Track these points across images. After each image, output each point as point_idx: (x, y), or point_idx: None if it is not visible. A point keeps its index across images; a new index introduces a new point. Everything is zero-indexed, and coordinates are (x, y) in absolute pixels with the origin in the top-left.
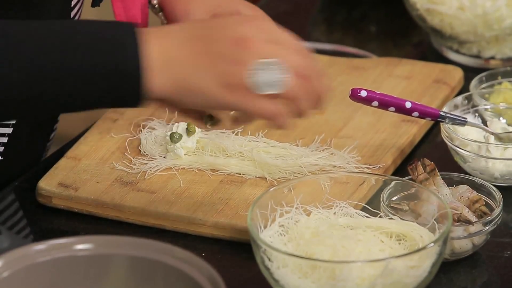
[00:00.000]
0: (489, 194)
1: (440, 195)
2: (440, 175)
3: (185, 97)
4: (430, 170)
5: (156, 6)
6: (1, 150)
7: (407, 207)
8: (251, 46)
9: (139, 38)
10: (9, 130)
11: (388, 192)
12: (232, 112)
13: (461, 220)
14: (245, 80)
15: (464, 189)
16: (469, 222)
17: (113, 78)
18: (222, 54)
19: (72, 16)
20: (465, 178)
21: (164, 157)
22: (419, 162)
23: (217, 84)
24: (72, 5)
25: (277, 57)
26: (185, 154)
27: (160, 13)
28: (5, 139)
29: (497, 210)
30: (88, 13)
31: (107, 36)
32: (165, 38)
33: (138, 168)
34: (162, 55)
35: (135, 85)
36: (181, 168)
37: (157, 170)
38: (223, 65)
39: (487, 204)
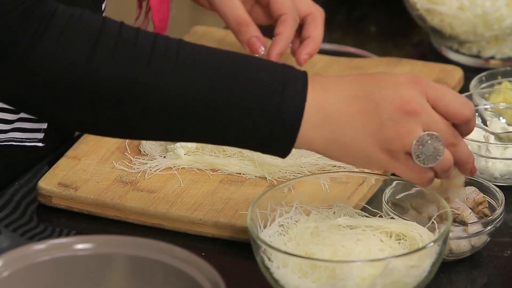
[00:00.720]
0: (494, 196)
1: None
2: None
3: (338, 155)
4: None
5: None
6: (41, 137)
7: (410, 206)
8: (416, 113)
9: (305, 87)
10: (44, 125)
11: (389, 192)
12: None
13: (457, 221)
14: (405, 148)
15: (471, 190)
16: (463, 223)
17: (270, 122)
18: (386, 119)
19: (103, 9)
20: (473, 180)
21: (164, 157)
22: None
23: (376, 148)
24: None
25: (436, 129)
26: (185, 154)
27: None
28: (44, 125)
29: (498, 212)
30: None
31: (278, 76)
32: (325, 90)
33: (138, 168)
34: (322, 110)
35: (289, 134)
36: (181, 168)
37: (157, 170)
38: (386, 131)
39: (491, 206)
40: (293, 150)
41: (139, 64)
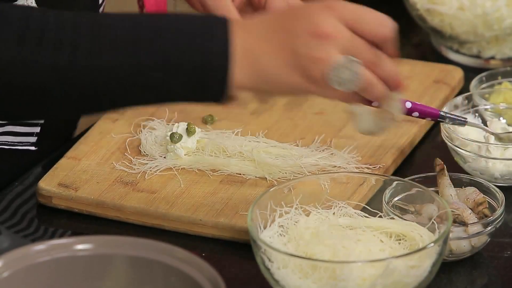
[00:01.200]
0: (494, 197)
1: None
2: (450, 176)
3: (264, 90)
4: (439, 170)
5: None
6: (34, 141)
7: (413, 209)
8: (329, 37)
9: (229, 31)
10: (37, 129)
11: (389, 193)
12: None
13: (457, 222)
14: (323, 74)
15: (471, 191)
16: (464, 224)
17: (200, 70)
18: (301, 48)
19: (100, 1)
20: (474, 180)
21: (164, 157)
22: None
23: (301, 77)
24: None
25: (353, 51)
26: (185, 154)
27: None
28: (37, 129)
29: (498, 212)
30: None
31: (198, 26)
32: (247, 32)
33: (138, 168)
34: (244, 49)
35: (220, 78)
36: (181, 168)
37: (157, 170)
38: (304, 59)
39: (491, 207)
40: (293, 151)
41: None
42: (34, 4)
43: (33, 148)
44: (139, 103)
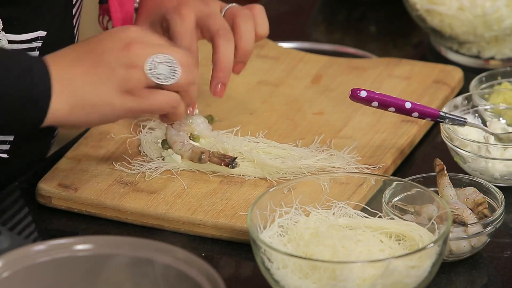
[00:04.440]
0: (493, 197)
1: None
2: (450, 176)
3: (83, 116)
4: (439, 170)
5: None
6: (7, 148)
7: (413, 209)
8: (137, 47)
9: (45, 62)
10: (10, 137)
11: (389, 193)
12: None
13: (456, 222)
14: (142, 80)
15: (471, 191)
16: (463, 224)
17: (21, 102)
18: (114, 63)
19: (73, 13)
20: (473, 180)
21: (163, 159)
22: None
23: (117, 92)
24: (73, 2)
25: (163, 52)
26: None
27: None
28: (11, 137)
29: (498, 212)
30: (88, 10)
31: (21, 63)
32: (59, 62)
33: (138, 169)
34: (60, 78)
35: (39, 112)
36: (181, 169)
37: (157, 170)
38: (118, 72)
39: (491, 207)
40: (293, 152)
41: None
42: None
43: (5, 156)
44: None
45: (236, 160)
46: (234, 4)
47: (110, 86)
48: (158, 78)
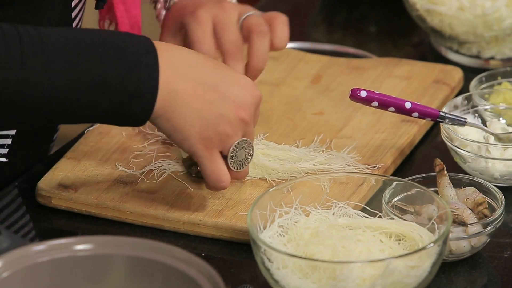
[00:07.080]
0: (493, 197)
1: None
2: (450, 176)
3: (163, 125)
4: (439, 170)
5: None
6: (5, 152)
7: (413, 209)
8: (246, 123)
9: (157, 62)
10: (12, 132)
11: (389, 193)
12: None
13: (456, 222)
14: (223, 148)
15: (471, 191)
16: (463, 224)
17: (130, 100)
18: (222, 115)
19: (73, 17)
20: (473, 180)
21: (163, 158)
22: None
23: (201, 138)
24: (72, 6)
25: (251, 138)
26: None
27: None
28: (9, 141)
29: (497, 212)
30: (91, 14)
31: (128, 52)
32: (177, 69)
33: (138, 169)
34: (168, 85)
35: (145, 110)
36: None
37: (157, 170)
38: (218, 124)
39: (491, 207)
40: (293, 153)
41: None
42: None
43: (4, 159)
44: (64, 122)
45: None
46: (254, 12)
47: (201, 125)
48: (232, 158)
